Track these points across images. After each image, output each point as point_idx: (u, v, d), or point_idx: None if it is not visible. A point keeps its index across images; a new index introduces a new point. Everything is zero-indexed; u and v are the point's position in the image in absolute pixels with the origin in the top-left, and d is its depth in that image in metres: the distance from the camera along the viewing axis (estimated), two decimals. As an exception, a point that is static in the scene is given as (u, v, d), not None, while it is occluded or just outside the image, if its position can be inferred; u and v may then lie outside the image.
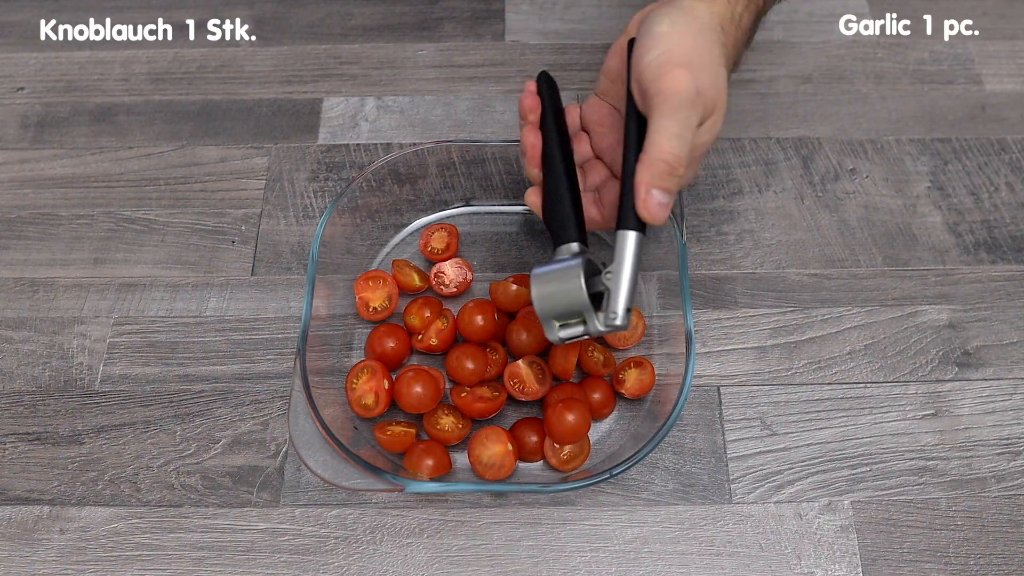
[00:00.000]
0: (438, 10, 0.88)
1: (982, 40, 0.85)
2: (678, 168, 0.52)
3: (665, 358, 0.63)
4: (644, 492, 0.61)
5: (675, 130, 0.52)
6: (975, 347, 0.66)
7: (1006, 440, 0.62)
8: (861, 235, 0.72)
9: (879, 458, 0.62)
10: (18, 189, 0.76)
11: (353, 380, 0.61)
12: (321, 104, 0.81)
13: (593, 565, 0.58)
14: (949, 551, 0.58)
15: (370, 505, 0.60)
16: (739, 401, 0.64)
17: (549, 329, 0.55)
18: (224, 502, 0.60)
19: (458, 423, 0.61)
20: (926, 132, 0.78)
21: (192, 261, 0.71)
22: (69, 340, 0.67)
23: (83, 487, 0.61)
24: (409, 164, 0.69)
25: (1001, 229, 0.72)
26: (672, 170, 0.52)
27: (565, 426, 0.58)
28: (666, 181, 0.52)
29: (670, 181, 0.52)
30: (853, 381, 0.65)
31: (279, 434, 0.63)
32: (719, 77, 0.53)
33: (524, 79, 0.82)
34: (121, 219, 0.74)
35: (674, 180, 0.52)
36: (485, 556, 0.58)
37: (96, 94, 0.82)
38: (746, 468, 0.61)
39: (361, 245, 0.70)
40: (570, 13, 0.88)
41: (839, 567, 0.58)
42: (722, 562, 0.58)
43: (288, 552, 0.58)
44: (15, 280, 0.71)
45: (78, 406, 0.64)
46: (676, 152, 0.52)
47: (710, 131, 0.54)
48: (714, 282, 0.69)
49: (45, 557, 0.58)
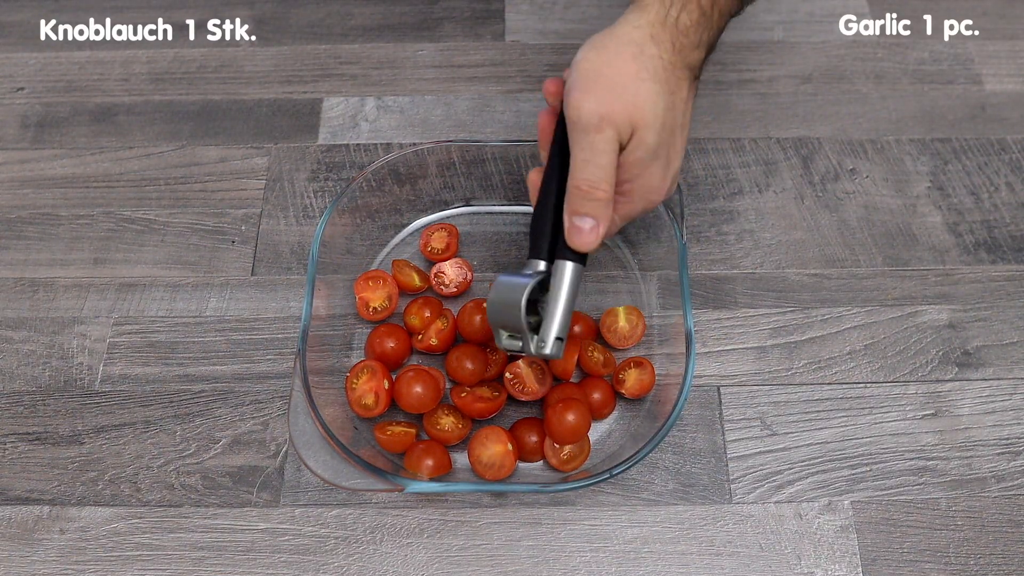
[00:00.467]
0: (438, 10, 0.88)
1: (982, 40, 0.85)
2: (593, 192, 0.53)
3: (665, 358, 0.63)
4: (644, 492, 0.61)
5: (581, 156, 0.53)
6: (975, 347, 0.66)
7: (1006, 440, 0.62)
8: (861, 235, 0.72)
9: (879, 458, 0.62)
10: (18, 189, 0.76)
11: (353, 380, 0.61)
12: (321, 104, 0.81)
13: (593, 565, 0.58)
14: (949, 551, 0.58)
15: (370, 505, 0.60)
16: (739, 401, 0.64)
17: (496, 336, 0.56)
18: (224, 502, 0.60)
19: (458, 423, 0.61)
20: (926, 132, 0.78)
21: (192, 261, 0.71)
22: (69, 340, 0.67)
23: (83, 487, 0.61)
24: (409, 164, 0.69)
25: (1001, 229, 0.72)
26: (586, 195, 0.53)
27: (565, 426, 0.58)
28: (584, 206, 0.53)
29: (588, 206, 0.53)
30: (853, 381, 0.65)
31: (279, 434, 0.63)
32: (638, 93, 0.52)
33: (524, 79, 0.82)
34: (121, 219, 0.74)
35: (593, 204, 0.53)
36: (485, 556, 0.58)
37: (96, 94, 0.82)
38: (746, 468, 0.61)
39: (361, 245, 0.70)
40: (570, 13, 0.88)
41: (839, 567, 0.58)
42: (722, 562, 0.58)
43: (288, 552, 0.58)
44: (15, 280, 0.71)
45: (78, 406, 0.64)
46: (585, 176, 0.53)
47: (639, 147, 0.53)
48: (714, 282, 0.69)
49: (45, 557, 0.58)
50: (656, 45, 0.53)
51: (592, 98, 0.52)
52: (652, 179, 0.56)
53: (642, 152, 0.54)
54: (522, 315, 0.54)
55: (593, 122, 0.51)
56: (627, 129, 0.53)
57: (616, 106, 0.52)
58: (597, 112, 0.51)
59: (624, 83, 0.52)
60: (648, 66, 0.53)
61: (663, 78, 0.53)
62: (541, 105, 0.80)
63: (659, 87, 0.53)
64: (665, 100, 0.53)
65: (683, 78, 0.55)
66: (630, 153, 0.54)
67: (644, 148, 0.54)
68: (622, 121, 0.52)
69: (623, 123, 0.52)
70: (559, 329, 0.55)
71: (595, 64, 0.53)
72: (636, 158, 0.54)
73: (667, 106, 0.54)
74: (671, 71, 0.54)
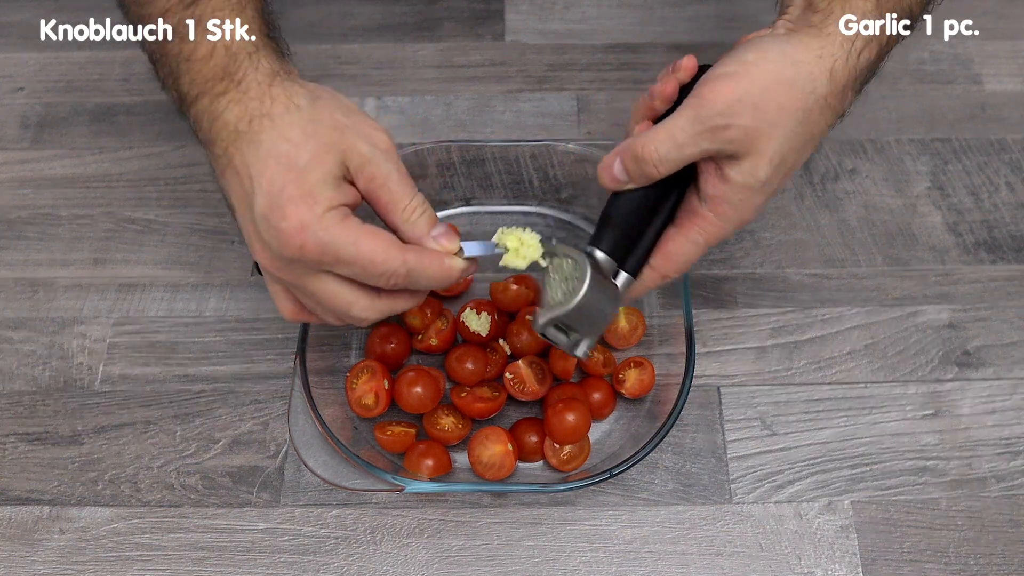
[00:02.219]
0: (438, 10, 0.88)
1: (982, 40, 0.85)
2: (644, 163, 0.49)
3: (665, 358, 0.63)
4: (644, 492, 0.61)
5: (673, 127, 0.48)
6: (975, 347, 0.66)
7: (1006, 440, 0.62)
8: (861, 235, 0.72)
9: (879, 458, 0.62)
10: (18, 189, 0.76)
11: (353, 380, 0.61)
12: (321, 104, 0.81)
13: (593, 565, 0.58)
14: (949, 551, 0.58)
15: (370, 505, 0.60)
16: (739, 401, 0.64)
17: (544, 320, 0.51)
18: (224, 502, 0.60)
19: (458, 423, 0.61)
20: (926, 132, 0.78)
21: (192, 261, 0.71)
22: (69, 340, 0.67)
23: (83, 487, 0.61)
24: (409, 164, 0.69)
25: (1001, 229, 0.72)
26: (637, 156, 0.49)
27: (565, 426, 0.58)
28: (628, 160, 0.50)
29: (632, 163, 0.50)
30: (853, 381, 0.65)
31: (279, 434, 0.63)
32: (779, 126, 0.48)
33: (524, 79, 0.82)
34: (121, 219, 0.74)
35: (636, 166, 0.49)
36: (485, 556, 0.58)
37: (96, 94, 0.82)
38: (746, 468, 0.61)
39: (361, 245, 0.70)
40: (570, 13, 0.88)
41: (839, 567, 0.58)
42: (722, 562, 0.58)
43: (288, 552, 0.58)
44: (15, 280, 0.71)
45: (78, 406, 0.64)
46: (656, 147, 0.48)
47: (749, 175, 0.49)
48: (714, 282, 0.69)
49: (45, 557, 0.58)
50: (830, 84, 0.49)
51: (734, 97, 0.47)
52: (748, 211, 0.51)
53: (753, 180, 0.49)
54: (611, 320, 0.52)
55: (719, 122, 0.47)
56: (736, 149, 0.48)
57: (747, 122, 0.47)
58: (728, 113, 0.47)
59: (775, 114, 0.48)
60: (811, 107, 0.49)
61: (813, 121, 0.50)
62: (541, 105, 0.80)
63: (803, 130, 0.49)
64: (798, 143, 0.50)
65: (828, 125, 0.51)
66: (741, 174, 0.49)
67: (755, 178, 0.49)
68: (739, 140, 0.48)
69: (738, 142, 0.48)
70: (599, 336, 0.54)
71: (766, 73, 0.48)
72: (745, 183, 0.50)
73: (795, 148, 0.50)
74: (823, 116, 0.50)
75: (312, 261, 0.47)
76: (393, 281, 0.48)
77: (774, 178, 0.50)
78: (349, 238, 0.46)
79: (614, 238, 0.53)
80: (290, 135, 0.47)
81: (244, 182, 0.48)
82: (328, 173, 0.47)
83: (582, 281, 0.50)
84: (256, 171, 0.47)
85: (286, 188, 0.46)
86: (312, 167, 0.47)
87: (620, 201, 0.52)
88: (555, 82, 0.82)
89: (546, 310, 0.51)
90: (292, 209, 0.46)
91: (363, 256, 0.47)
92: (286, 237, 0.46)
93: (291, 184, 0.46)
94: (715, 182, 0.50)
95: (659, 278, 0.54)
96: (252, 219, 0.48)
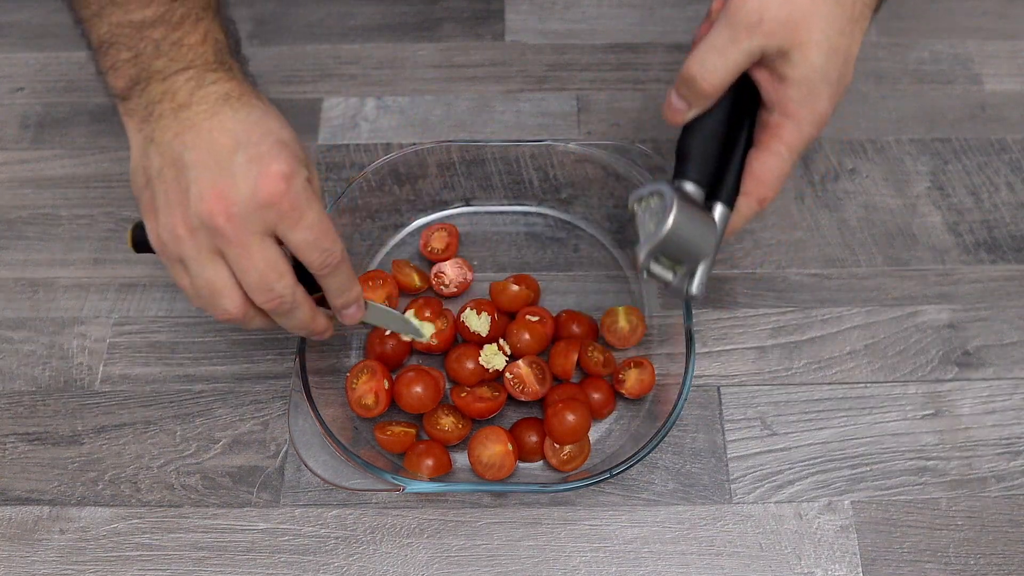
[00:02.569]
0: (438, 10, 0.88)
1: (982, 40, 0.85)
2: (693, 81, 0.51)
3: (665, 358, 0.63)
4: (644, 492, 0.61)
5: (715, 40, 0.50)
6: (975, 347, 0.66)
7: (1006, 440, 0.62)
8: (861, 235, 0.72)
9: (879, 458, 0.62)
10: (18, 189, 0.76)
11: (353, 380, 0.61)
12: (321, 104, 0.81)
13: (593, 565, 0.58)
14: (949, 551, 0.58)
15: (370, 505, 0.60)
16: (739, 401, 0.64)
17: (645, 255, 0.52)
18: (224, 502, 0.60)
19: (458, 423, 0.61)
20: (926, 132, 0.78)
21: (192, 261, 0.71)
22: (69, 340, 0.67)
23: (83, 487, 0.61)
24: (409, 164, 0.69)
25: (1001, 229, 0.72)
26: (686, 78, 0.51)
27: (565, 426, 0.58)
28: (681, 86, 0.52)
29: (684, 87, 0.51)
30: (853, 381, 0.65)
31: (279, 434, 0.63)
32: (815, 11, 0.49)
33: (524, 79, 0.82)
34: (121, 219, 0.74)
35: (688, 88, 0.51)
36: (485, 556, 0.58)
37: (96, 94, 0.82)
38: (746, 468, 0.61)
39: (361, 245, 0.70)
40: (570, 13, 0.88)
41: (839, 567, 0.58)
42: (722, 562, 0.58)
43: (288, 552, 0.58)
44: (15, 280, 0.71)
45: (78, 406, 0.64)
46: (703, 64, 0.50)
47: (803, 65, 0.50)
48: (714, 282, 0.69)
49: (45, 557, 0.58)
50: None
51: None
52: (820, 102, 0.52)
53: (808, 70, 0.50)
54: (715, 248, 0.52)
55: (753, 19, 0.49)
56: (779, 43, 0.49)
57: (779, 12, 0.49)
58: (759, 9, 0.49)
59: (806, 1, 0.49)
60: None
61: (847, 2, 0.51)
62: (541, 105, 0.80)
63: (840, 11, 0.50)
64: (841, 24, 0.51)
65: (866, 4, 0.52)
66: (794, 68, 0.50)
67: (811, 67, 0.50)
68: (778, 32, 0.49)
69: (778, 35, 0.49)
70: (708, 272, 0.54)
71: None
72: (802, 75, 0.50)
73: (840, 31, 0.51)
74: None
75: (275, 215, 0.49)
76: (331, 260, 0.52)
77: (831, 66, 0.51)
78: (317, 204, 0.51)
79: (695, 168, 0.53)
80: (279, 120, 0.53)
81: (237, 130, 0.50)
82: (305, 157, 0.53)
83: (670, 207, 0.51)
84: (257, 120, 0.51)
85: (288, 144, 0.51)
86: (297, 144, 0.53)
87: (692, 132, 0.54)
88: (555, 82, 0.82)
89: (642, 245, 0.52)
90: (286, 157, 0.50)
91: (324, 222, 0.51)
92: (272, 181, 0.48)
93: (292, 142, 0.52)
94: (775, 85, 0.52)
95: (755, 203, 0.54)
96: (221, 168, 0.49)
